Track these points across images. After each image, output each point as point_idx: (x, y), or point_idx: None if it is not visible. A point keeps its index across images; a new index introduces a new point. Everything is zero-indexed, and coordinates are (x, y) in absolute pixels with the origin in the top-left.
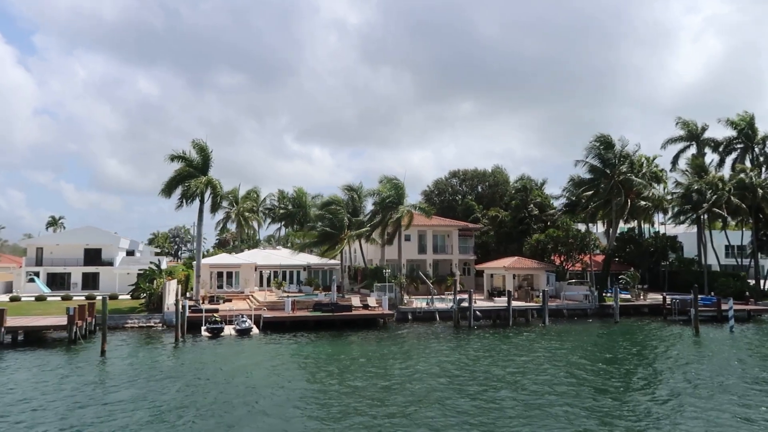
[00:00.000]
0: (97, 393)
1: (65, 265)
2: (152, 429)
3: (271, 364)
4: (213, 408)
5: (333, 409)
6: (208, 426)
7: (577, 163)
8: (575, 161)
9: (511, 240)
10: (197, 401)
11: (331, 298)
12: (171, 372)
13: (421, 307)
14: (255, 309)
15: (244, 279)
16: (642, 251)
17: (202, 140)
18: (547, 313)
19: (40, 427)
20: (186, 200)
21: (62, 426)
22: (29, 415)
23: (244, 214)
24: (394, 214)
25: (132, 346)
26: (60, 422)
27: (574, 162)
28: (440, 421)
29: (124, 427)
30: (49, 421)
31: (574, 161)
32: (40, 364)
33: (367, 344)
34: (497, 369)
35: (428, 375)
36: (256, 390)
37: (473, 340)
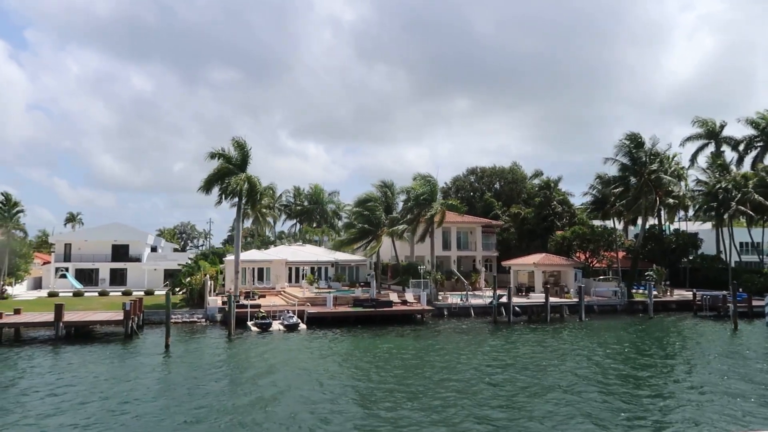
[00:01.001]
0: (201, 387)
1: (93, 261)
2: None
3: (337, 359)
4: (315, 399)
5: (435, 402)
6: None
7: (606, 161)
8: (604, 159)
9: (534, 237)
10: (296, 392)
11: (371, 294)
12: (249, 365)
13: (457, 303)
14: (299, 305)
15: (276, 275)
16: (664, 248)
17: (242, 138)
18: (583, 309)
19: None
20: (225, 197)
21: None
22: (142, 412)
23: (261, 210)
24: (428, 211)
25: (186, 340)
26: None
27: (603, 160)
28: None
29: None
30: (176, 415)
31: (603, 159)
32: (112, 359)
33: (419, 339)
34: (571, 364)
35: (515, 369)
36: (340, 381)
37: (522, 335)
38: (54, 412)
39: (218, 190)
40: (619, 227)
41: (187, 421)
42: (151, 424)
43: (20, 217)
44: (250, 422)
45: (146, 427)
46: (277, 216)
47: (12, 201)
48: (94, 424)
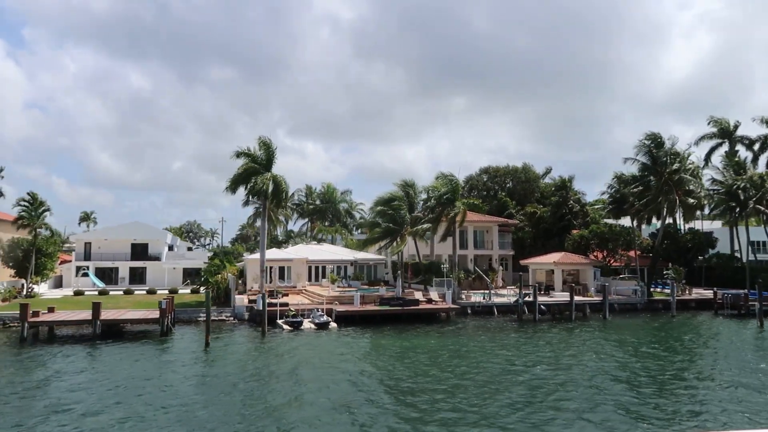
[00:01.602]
0: (251, 383)
1: (113, 260)
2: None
3: (374, 357)
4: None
5: (492, 400)
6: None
7: (626, 161)
8: (624, 159)
9: (549, 236)
10: (343, 389)
11: (396, 292)
12: (289, 362)
13: (480, 302)
14: (326, 303)
15: (297, 274)
16: (679, 247)
17: (268, 137)
18: (607, 308)
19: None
20: (252, 196)
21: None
22: (213, 412)
23: (273, 209)
24: (451, 210)
25: (220, 338)
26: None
27: (623, 159)
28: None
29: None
30: (243, 409)
31: (623, 159)
32: (157, 356)
33: (450, 337)
34: (613, 362)
35: (559, 367)
36: (383, 379)
37: (554, 334)
38: (123, 408)
39: (244, 190)
40: (630, 226)
41: (249, 414)
42: (219, 418)
43: (46, 216)
44: (311, 417)
45: (220, 419)
46: (289, 215)
47: (38, 201)
48: (169, 419)
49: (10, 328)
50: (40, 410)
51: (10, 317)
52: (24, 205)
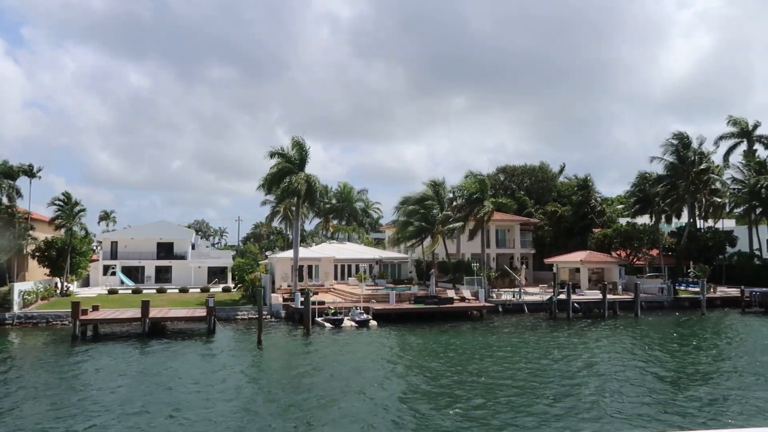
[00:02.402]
0: (317, 379)
1: (140, 259)
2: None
3: (423, 353)
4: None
5: (557, 397)
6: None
7: (652, 160)
8: (650, 158)
9: (571, 235)
10: (405, 384)
11: (430, 291)
12: (344, 359)
13: (511, 300)
14: (359, 301)
15: (324, 272)
16: (700, 246)
17: (301, 137)
18: (639, 306)
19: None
20: (287, 196)
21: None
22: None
23: (291, 208)
24: (480, 209)
25: (265, 336)
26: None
27: (650, 159)
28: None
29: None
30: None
31: (650, 158)
32: (215, 354)
33: (490, 335)
34: (666, 359)
35: (615, 365)
36: (438, 374)
37: (593, 330)
38: (212, 406)
39: (277, 189)
40: (653, 224)
41: (321, 406)
42: (297, 413)
43: (82, 216)
44: (394, 411)
45: (304, 413)
46: (306, 214)
47: (73, 200)
48: (257, 414)
49: (53, 326)
50: (126, 406)
51: (53, 315)
52: (59, 204)
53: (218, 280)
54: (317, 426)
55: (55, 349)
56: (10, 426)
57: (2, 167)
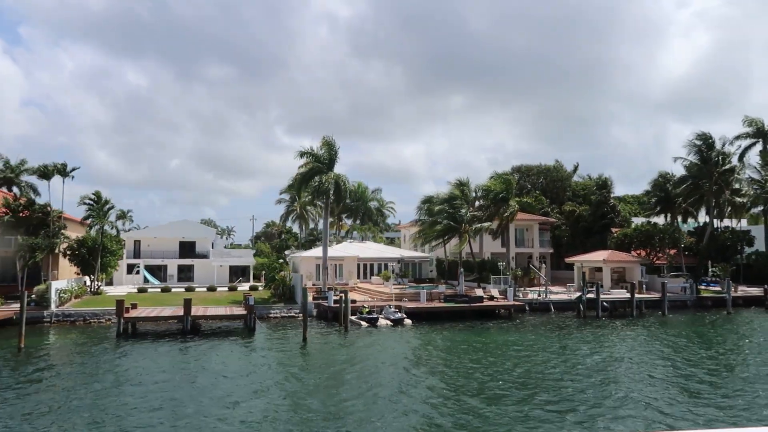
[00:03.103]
0: (410, 376)
1: (163, 258)
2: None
3: (466, 349)
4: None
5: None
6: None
7: (675, 160)
8: (674, 158)
9: (590, 234)
10: (465, 378)
11: (459, 290)
12: (395, 358)
13: (537, 299)
14: (385, 299)
15: (348, 271)
16: (718, 245)
17: (331, 137)
18: (666, 305)
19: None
20: (317, 195)
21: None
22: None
23: (306, 207)
24: (507, 209)
25: (298, 334)
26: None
27: (673, 159)
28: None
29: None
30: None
31: (673, 158)
32: (264, 352)
33: (527, 333)
34: (717, 356)
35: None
36: (488, 368)
37: (628, 329)
38: (284, 403)
39: (306, 189)
40: (674, 224)
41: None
42: (376, 410)
43: (111, 214)
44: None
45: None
46: (320, 213)
47: (103, 199)
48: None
49: (90, 324)
50: (203, 401)
51: (90, 313)
52: (89, 203)
53: (242, 279)
54: (396, 419)
55: (102, 346)
56: (87, 419)
57: (40, 168)
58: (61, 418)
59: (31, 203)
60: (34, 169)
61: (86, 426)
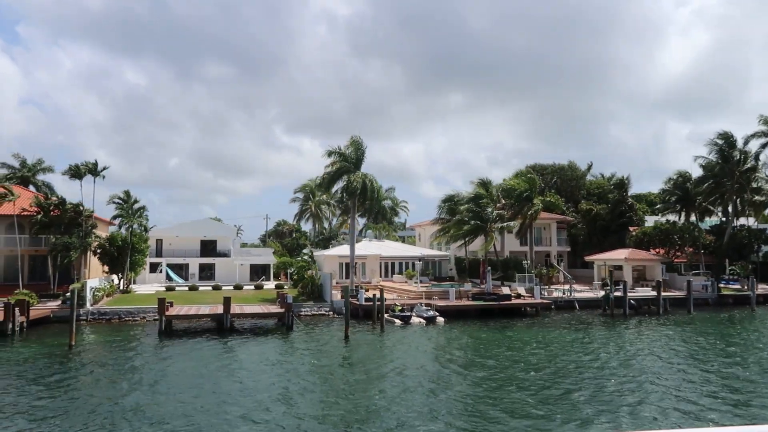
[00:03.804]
0: (431, 373)
1: (184, 257)
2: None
3: (508, 346)
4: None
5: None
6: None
7: (696, 159)
8: (694, 157)
9: (607, 233)
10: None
11: (486, 288)
12: (436, 354)
13: (562, 297)
14: (425, 298)
15: (371, 269)
16: (735, 243)
17: (359, 136)
18: (692, 303)
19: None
20: (346, 194)
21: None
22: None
23: (320, 206)
24: (531, 207)
25: (341, 333)
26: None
27: (693, 158)
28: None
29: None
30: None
31: (693, 157)
32: (315, 351)
33: (561, 330)
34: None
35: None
36: (537, 362)
37: (659, 326)
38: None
39: (332, 188)
40: (693, 223)
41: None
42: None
43: (141, 213)
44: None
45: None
46: (334, 212)
47: (132, 199)
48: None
49: (125, 322)
50: (272, 395)
51: (124, 312)
52: (118, 203)
53: (265, 277)
54: (470, 406)
55: (147, 344)
56: (164, 415)
57: (71, 167)
58: (139, 416)
59: (62, 202)
60: (66, 169)
61: (164, 424)
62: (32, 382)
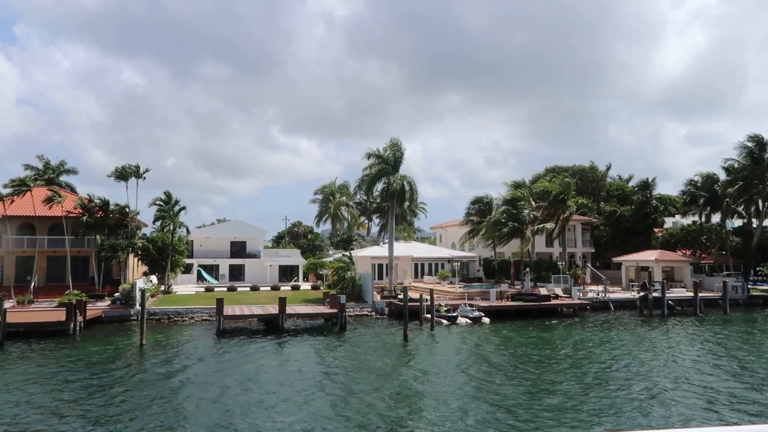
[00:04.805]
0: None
1: (215, 258)
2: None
3: (563, 344)
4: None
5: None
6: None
7: (726, 161)
8: (724, 159)
9: (632, 234)
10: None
11: (525, 288)
12: (504, 350)
13: (596, 297)
14: (468, 298)
15: (402, 270)
16: (760, 245)
17: (398, 138)
18: (728, 303)
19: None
20: (386, 196)
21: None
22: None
23: (340, 208)
24: (566, 209)
25: (393, 333)
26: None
27: (724, 160)
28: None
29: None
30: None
31: (723, 159)
32: (373, 348)
33: (606, 331)
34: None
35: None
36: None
37: (701, 326)
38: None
39: (372, 189)
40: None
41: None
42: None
43: (183, 214)
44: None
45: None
46: (355, 214)
47: (173, 199)
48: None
49: (175, 322)
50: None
51: (173, 311)
52: (159, 204)
53: (297, 278)
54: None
55: (209, 343)
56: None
57: (117, 170)
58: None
59: (105, 204)
60: (113, 171)
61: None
62: (132, 380)
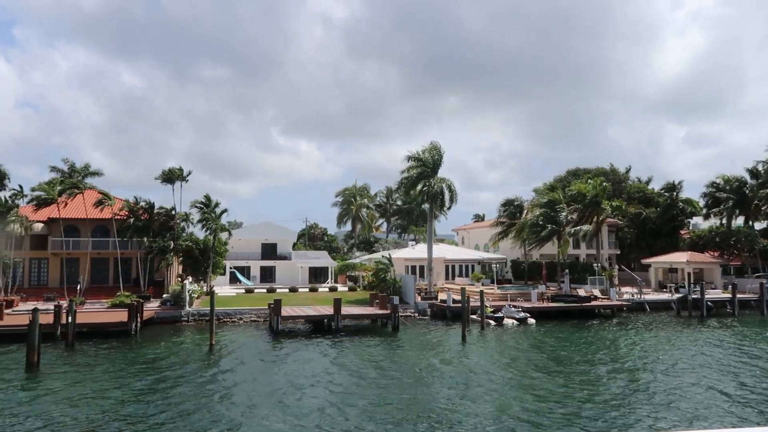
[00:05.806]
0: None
1: (247, 259)
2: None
3: (615, 344)
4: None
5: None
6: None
7: (757, 164)
8: (756, 162)
9: (657, 236)
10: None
11: (565, 290)
12: (562, 350)
13: (633, 299)
14: (510, 299)
15: (436, 272)
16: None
17: (437, 142)
18: (765, 305)
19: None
20: (426, 198)
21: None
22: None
23: (361, 210)
24: (599, 212)
25: (443, 334)
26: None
27: (755, 162)
28: None
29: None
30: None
31: (755, 162)
32: (435, 349)
33: (649, 330)
34: None
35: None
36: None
37: (743, 326)
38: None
39: (417, 192)
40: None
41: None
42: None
43: (225, 216)
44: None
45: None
46: (375, 216)
47: (213, 202)
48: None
49: (224, 323)
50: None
51: (222, 312)
52: (200, 206)
53: (329, 279)
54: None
55: (269, 344)
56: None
57: (164, 172)
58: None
59: (150, 207)
60: (159, 174)
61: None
62: (223, 381)
